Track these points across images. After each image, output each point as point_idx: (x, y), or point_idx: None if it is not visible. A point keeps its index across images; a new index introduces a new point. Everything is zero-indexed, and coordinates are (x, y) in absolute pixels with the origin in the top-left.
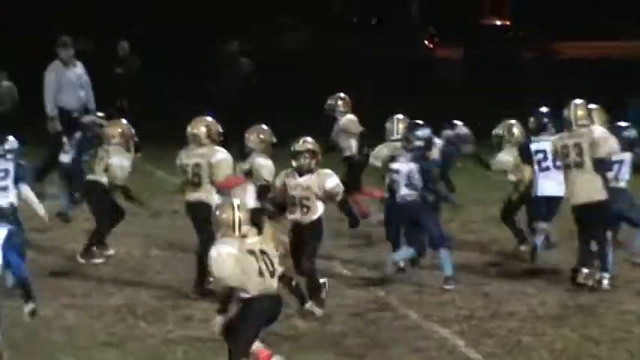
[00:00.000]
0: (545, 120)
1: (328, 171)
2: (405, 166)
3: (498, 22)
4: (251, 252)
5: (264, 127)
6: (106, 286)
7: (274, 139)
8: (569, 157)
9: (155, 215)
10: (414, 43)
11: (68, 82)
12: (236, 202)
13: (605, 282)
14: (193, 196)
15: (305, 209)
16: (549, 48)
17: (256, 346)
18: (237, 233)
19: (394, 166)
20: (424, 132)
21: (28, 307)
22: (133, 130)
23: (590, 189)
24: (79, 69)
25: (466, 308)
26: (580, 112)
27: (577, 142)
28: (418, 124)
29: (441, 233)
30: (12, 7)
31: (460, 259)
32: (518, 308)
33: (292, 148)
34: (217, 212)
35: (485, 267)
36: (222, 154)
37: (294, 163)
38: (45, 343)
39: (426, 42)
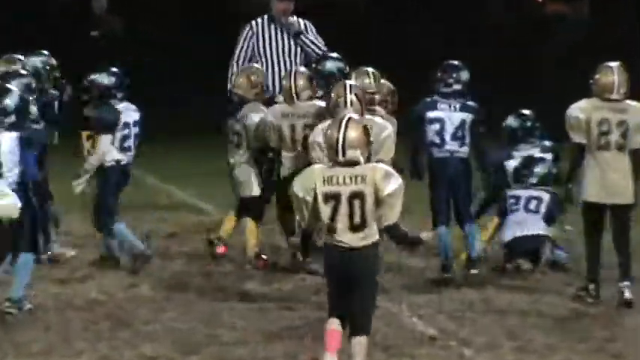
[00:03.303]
0: None
1: None
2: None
3: None
4: (330, 196)
5: None
6: (75, 341)
7: None
8: None
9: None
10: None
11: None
12: (347, 117)
13: None
14: None
15: None
16: None
17: (332, 324)
18: (340, 158)
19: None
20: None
21: None
22: None
23: None
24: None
25: None
26: None
27: None
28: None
29: None
30: None
31: None
32: None
33: None
34: (328, 130)
35: None
36: None
37: None
38: None
39: None
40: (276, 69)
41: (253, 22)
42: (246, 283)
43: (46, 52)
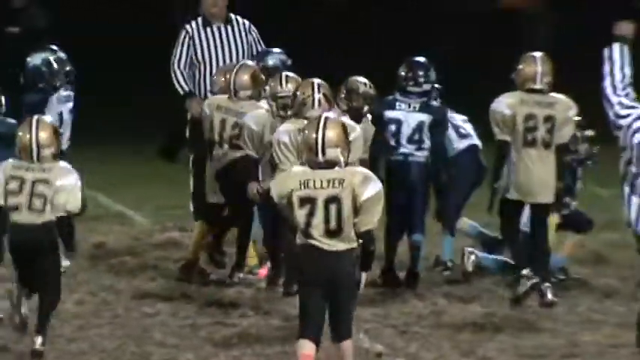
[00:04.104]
0: None
1: None
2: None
3: None
4: (305, 200)
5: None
6: None
7: None
8: None
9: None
10: None
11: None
12: (324, 116)
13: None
14: None
15: None
16: None
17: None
18: (320, 158)
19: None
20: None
21: None
22: None
23: None
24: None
25: None
26: None
27: None
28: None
29: None
30: None
31: None
32: None
33: None
34: (305, 130)
35: None
36: None
37: None
38: None
39: None
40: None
41: (188, 26)
42: (179, 297)
43: (54, 47)
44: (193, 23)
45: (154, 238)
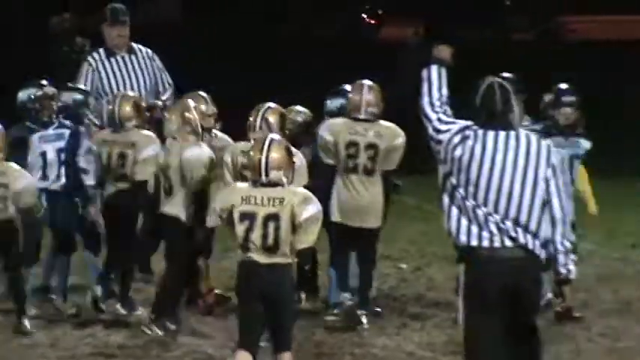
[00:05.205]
0: None
1: None
2: None
3: None
4: (245, 216)
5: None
6: None
7: None
8: None
9: None
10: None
11: None
12: (270, 138)
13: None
14: None
15: None
16: (553, 25)
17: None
18: (263, 179)
19: None
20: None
21: None
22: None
23: None
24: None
25: None
26: None
27: None
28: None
29: None
30: None
31: None
32: None
33: None
34: (251, 150)
35: None
36: None
37: None
38: None
39: (365, 17)
40: None
41: (90, 58)
42: (57, 328)
43: (43, 82)
44: (96, 55)
45: (34, 269)
